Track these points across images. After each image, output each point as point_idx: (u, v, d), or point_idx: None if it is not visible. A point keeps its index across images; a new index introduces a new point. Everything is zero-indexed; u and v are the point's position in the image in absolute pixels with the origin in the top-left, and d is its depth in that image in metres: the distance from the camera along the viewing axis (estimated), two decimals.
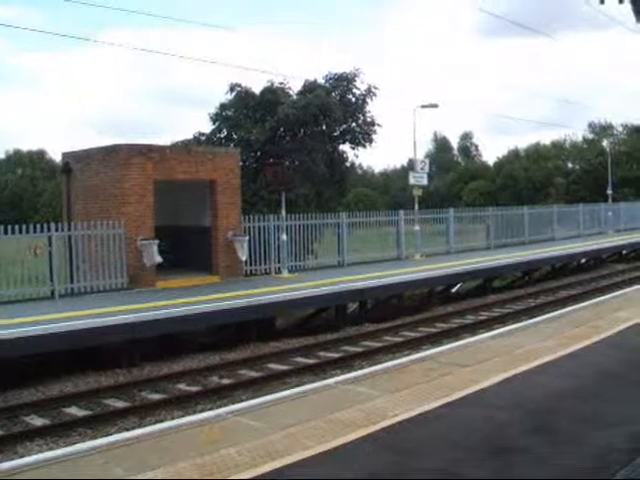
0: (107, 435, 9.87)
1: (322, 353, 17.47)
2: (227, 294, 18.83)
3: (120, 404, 13.34)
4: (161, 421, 11.28)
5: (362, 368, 13.15)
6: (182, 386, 14.61)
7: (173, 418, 11.22)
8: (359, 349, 17.69)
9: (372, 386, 9.57)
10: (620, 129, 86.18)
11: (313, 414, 8.31)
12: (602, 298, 17.94)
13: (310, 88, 34.87)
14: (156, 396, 13.87)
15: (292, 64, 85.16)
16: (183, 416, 10.84)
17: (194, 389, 14.29)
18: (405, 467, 6.65)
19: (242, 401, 9.02)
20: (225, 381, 14.95)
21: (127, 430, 10.51)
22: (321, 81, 35.88)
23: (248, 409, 8.75)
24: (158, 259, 20.58)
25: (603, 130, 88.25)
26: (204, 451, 7.12)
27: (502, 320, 20.52)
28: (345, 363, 16.18)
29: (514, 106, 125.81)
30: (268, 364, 16.35)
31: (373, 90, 35.63)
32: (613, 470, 6.33)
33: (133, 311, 16.14)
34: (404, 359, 11.22)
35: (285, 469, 6.56)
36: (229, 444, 7.31)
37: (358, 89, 35.61)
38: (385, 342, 18.47)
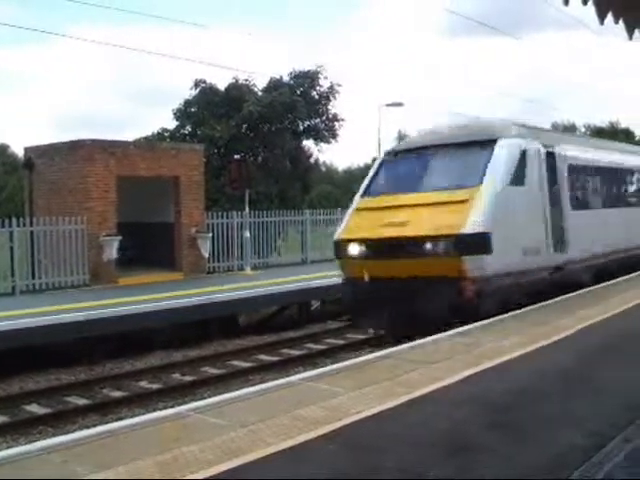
0: (67, 433, 9.77)
1: (285, 350, 17.45)
2: (189, 291, 18.75)
3: (81, 402, 13.23)
4: (122, 419, 11.18)
5: (325, 365, 13.12)
6: (144, 383, 14.54)
7: (134, 416, 11.14)
8: (322, 346, 17.69)
9: (335, 383, 9.55)
10: (583, 130, 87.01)
11: (276, 411, 8.28)
12: (566, 296, 17.96)
13: (275, 85, 34.91)
14: (117, 394, 13.78)
15: (259, 61, 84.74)
16: (145, 414, 10.76)
17: (156, 386, 14.21)
18: (367, 465, 6.63)
19: (204, 398, 8.95)
20: (187, 378, 14.89)
21: (88, 428, 10.41)
22: (286, 78, 35.93)
23: (210, 406, 8.68)
24: (115, 255, 20.47)
25: (567, 130, 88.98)
26: (165, 449, 7.05)
27: None
28: (309, 360, 16.18)
29: (479, 105, 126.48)
30: (231, 361, 16.31)
31: (336, 87, 35.81)
32: (570, 468, 6.37)
33: (92, 308, 16.01)
34: (368, 356, 11.22)
35: (246, 467, 6.52)
36: (191, 442, 7.26)
37: (321, 86, 35.76)
38: (348, 340, 18.48)
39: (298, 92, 34.96)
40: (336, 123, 35.95)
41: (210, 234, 23.28)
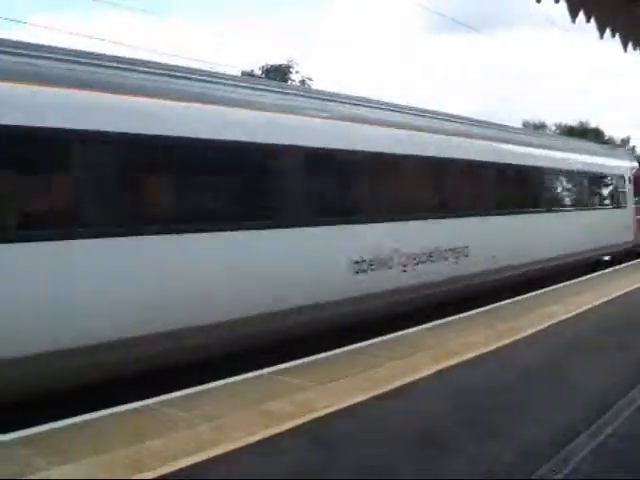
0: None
1: None
2: None
3: None
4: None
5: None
6: None
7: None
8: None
9: (303, 377, 9.53)
10: (553, 128, 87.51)
11: (243, 405, 8.25)
12: (533, 294, 18.00)
13: None
14: None
15: (229, 53, 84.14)
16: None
17: None
18: (332, 460, 6.62)
19: (172, 391, 8.88)
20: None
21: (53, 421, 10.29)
22: (257, 72, 35.93)
23: (177, 400, 8.64)
24: None
25: (537, 129, 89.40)
26: (131, 442, 7.01)
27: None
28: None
29: (450, 102, 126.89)
30: None
31: (307, 82, 35.88)
32: (537, 465, 6.39)
33: None
34: (336, 351, 11.19)
35: (211, 461, 6.50)
36: (157, 435, 7.22)
37: (293, 80, 35.82)
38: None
39: None
40: None
41: None
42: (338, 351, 11.23)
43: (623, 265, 24.67)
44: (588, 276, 21.28)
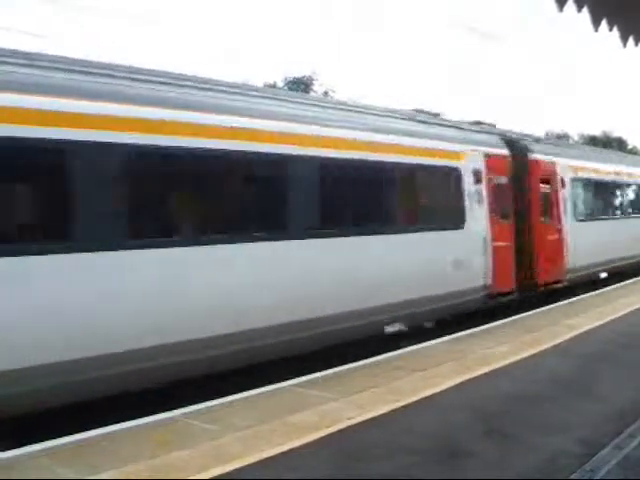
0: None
1: None
2: None
3: None
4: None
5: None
6: None
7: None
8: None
9: (326, 389, 9.51)
10: (576, 138, 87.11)
11: (267, 417, 8.24)
12: (556, 305, 17.90)
13: None
14: None
15: (252, 64, 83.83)
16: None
17: None
18: (358, 471, 6.61)
19: (195, 403, 8.88)
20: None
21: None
22: (280, 84, 36.02)
23: (201, 412, 8.63)
24: None
25: (559, 139, 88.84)
26: (156, 454, 7.02)
27: None
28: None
29: (468, 112, 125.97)
30: None
31: (330, 93, 35.92)
32: (563, 475, 6.35)
33: None
34: (358, 363, 11.17)
35: (236, 472, 6.50)
36: (182, 447, 7.22)
37: (316, 92, 35.88)
38: None
39: None
40: None
41: None
42: (361, 363, 11.19)
43: None
44: None
